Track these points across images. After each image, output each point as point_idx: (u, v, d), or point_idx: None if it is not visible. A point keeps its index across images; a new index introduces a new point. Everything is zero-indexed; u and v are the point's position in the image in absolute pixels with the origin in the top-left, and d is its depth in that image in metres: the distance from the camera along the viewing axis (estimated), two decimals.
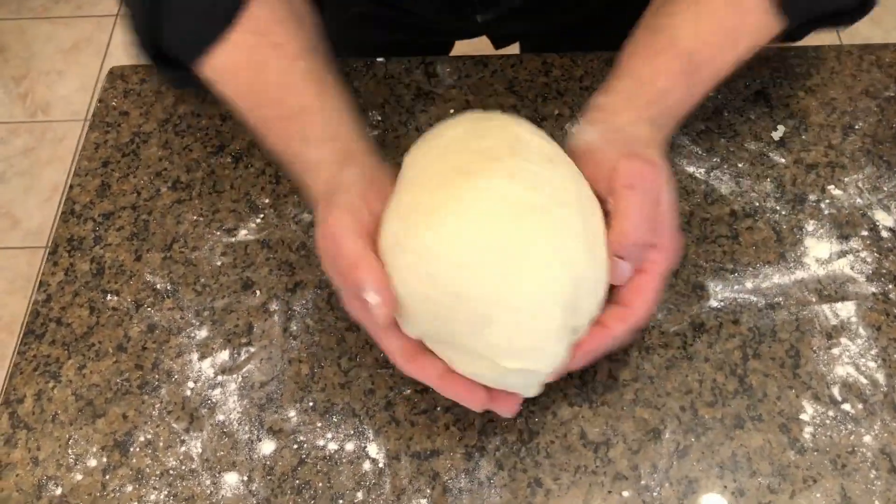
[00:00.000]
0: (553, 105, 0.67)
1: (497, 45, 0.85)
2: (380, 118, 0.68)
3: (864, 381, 0.54)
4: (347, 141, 0.53)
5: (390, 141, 0.66)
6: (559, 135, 0.66)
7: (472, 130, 0.51)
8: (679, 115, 0.55)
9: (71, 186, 0.67)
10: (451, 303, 0.45)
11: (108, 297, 0.61)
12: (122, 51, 1.98)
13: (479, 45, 0.84)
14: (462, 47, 0.88)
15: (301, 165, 0.53)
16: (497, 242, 0.45)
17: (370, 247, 0.48)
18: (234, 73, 0.55)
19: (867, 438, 0.52)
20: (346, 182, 0.51)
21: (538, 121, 0.67)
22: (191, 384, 0.57)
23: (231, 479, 0.53)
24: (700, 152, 0.64)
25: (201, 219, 0.64)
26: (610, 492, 0.51)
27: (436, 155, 0.50)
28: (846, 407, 0.53)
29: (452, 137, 0.50)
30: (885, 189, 0.62)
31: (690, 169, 0.63)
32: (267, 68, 0.54)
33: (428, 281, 0.46)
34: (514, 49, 0.84)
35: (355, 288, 0.47)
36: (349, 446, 0.54)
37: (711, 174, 0.63)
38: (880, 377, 0.54)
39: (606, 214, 0.49)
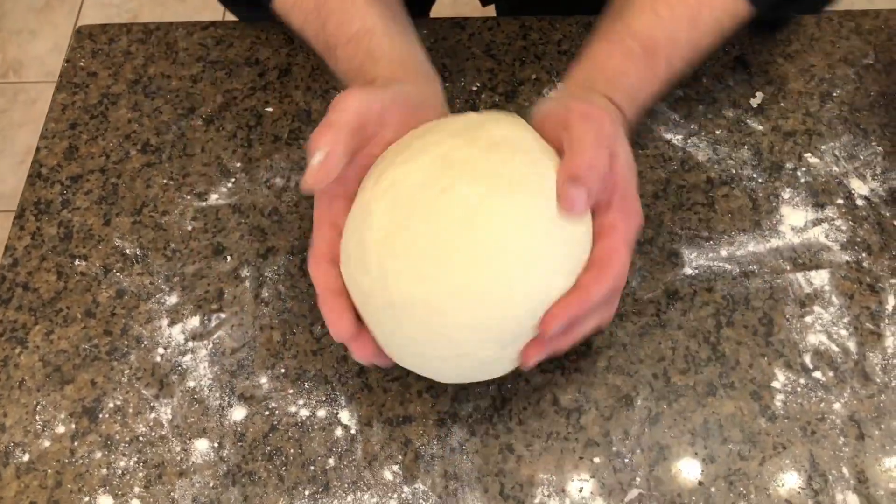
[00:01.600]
0: (531, 69, 0.66)
1: (484, 1, 0.83)
2: None
3: (836, 349, 0.54)
4: (412, 64, 0.54)
5: None
6: (536, 99, 0.65)
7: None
8: (641, 98, 0.54)
9: (38, 149, 0.66)
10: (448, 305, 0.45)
11: (77, 262, 0.60)
12: (96, 10, 1.94)
13: (461, 9, 0.82)
14: (443, 9, 0.87)
15: (368, 81, 0.53)
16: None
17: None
18: (300, 3, 0.56)
19: (837, 406, 0.52)
20: (395, 84, 0.51)
21: (515, 85, 0.66)
22: (161, 350, 0.56)
23: (202, 445, 0.53)
24: (678, 119, 0.64)
25: (171, 182, 0.63)
26: (581, 458, 0.51)
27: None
28: (817, 375, 0.53)
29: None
30: (862, 157, 0.62)
31: (668, 136, 0.63)
32: None
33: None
34: (490, 11, 0.82)
35: (312, 145, 0.45)
36: (321, 413, 0.53)
37: (689, 141, 0.63)
38: (851, 345, 0.54)
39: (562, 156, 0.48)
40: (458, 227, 0.44)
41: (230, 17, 0.73)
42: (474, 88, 0.66)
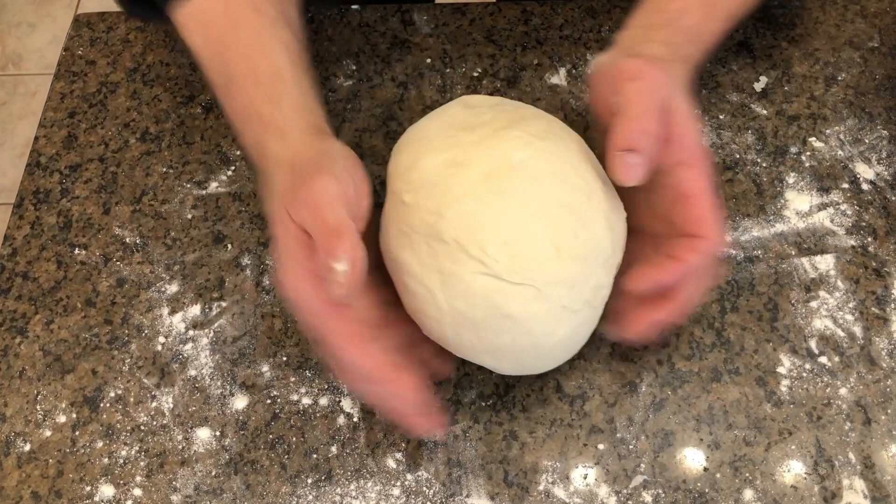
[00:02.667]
0: (532, 54, 0.66)
1: None
2: (354, 67, 0.66)
3: (842, 333, 0.54)
4: (319, 119, 0.50)
5: (365, 91, 0.65)
6: (538, 85, 0.64)
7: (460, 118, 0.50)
8: (701, 39, 0.51)
9: (36, 138, 0.65)
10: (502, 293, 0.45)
11: (76, 251, 0.59)
12: (94, 2, 1.93)
13: None
14: None
15: (266, 128, 0.49)
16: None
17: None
18: (206, 23, 0.52)
19: (843, 391, 0.52)
20: (331, 152, 0.47)
21: (517, 70, 0.65)
22: (161, 339, 0.56)
23: (203, 434, 0.52)
24: None
25: (171, 171, 0.62)
26: (585, 444, 0.51)
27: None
28: (823, 360, 0.53)
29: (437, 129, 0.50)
30: (867, 141, 0.61)
31: None
32: (241, 26, 0.51)
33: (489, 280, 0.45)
34: None
35: (327, 255, 0.42)
36: (323, 401, 0.53)
37: None
38: (857, 330, 0.54)
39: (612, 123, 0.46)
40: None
41: None
42: (475, 74, 0.65)
